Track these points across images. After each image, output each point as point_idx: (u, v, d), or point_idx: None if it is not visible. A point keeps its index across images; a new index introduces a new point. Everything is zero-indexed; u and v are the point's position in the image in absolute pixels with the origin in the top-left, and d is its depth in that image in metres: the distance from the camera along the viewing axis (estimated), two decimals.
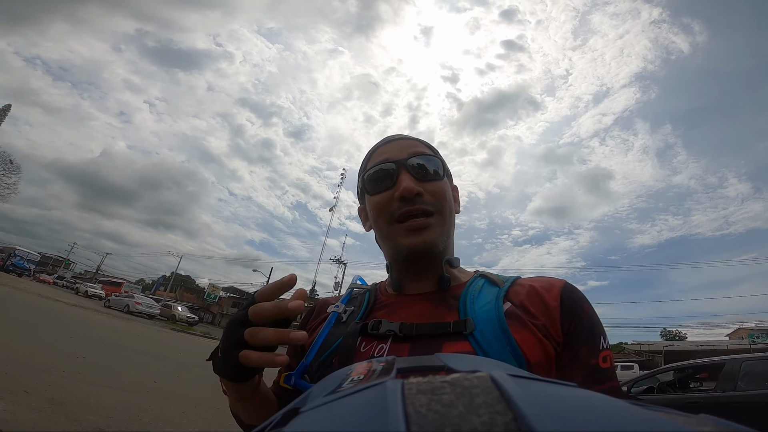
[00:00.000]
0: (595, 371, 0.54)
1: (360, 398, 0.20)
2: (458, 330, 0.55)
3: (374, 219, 0.67)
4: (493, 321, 0.55)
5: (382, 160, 0.66)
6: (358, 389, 0.21)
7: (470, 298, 0.59)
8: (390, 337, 0.58)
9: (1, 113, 45.09)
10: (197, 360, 9.98)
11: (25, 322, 9.04)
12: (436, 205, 0.63)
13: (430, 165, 0.66)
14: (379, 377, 0.25)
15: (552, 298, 0.58)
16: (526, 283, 0.62)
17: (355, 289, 0.72)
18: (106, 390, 4.81)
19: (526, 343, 0.53)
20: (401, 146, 0.68)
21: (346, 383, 0.27)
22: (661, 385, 6.26)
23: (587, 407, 0.17)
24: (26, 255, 40.31)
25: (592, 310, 0.59)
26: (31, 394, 3.87)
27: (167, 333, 18.31)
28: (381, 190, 0.65)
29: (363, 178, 0.69)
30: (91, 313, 18.13)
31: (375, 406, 0.17)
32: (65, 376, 4.93)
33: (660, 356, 30.61)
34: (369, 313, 0.65)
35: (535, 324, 0.55)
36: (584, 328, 0.56)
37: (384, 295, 0.68)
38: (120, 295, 28.39)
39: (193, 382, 6.74)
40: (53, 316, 12.19)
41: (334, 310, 0.66)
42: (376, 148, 0.71)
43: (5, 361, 4.83)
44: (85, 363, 6.00)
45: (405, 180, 0.62)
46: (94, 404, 4.09)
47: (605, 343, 0.57)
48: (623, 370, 22.93)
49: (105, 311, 21.96)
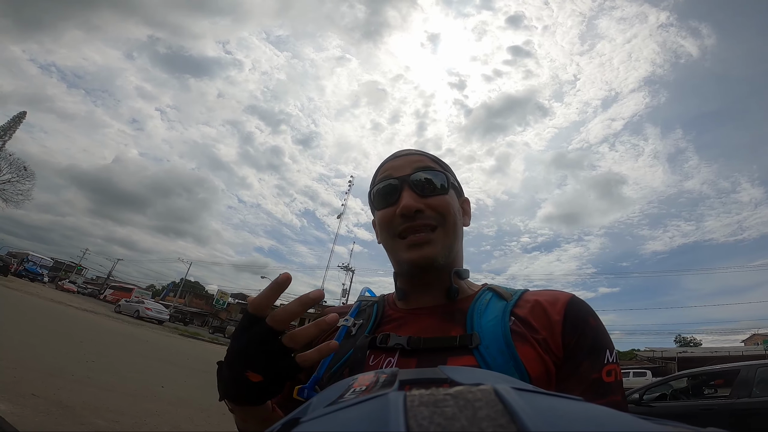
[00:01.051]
0: (597, 385, 0.54)
1: (361, 409, 0.19)
2: (464, 344, 0.56)
3: (381, 233, 0.70)
4: (498, 336, 0.56)
5: (388, 175, 0.69)
6: (360, 400, 0.21)
7: (477, 313, 0.60)
8: (398, 351, 0.59)
9: (17, 120, 46.02)
10: (204, 365, 10.02)
11: (36, 326, 9.17)
12: (438, 219, 0.65)
13: (434, 179, 0.67)
14: (382, 389, 0.25)
15: (555, 312, 0.58)
16: (531, 297, 0.62)
17: (363, 302, 0.73)
18: (113, 394, 4.84)
19: (527, 358, 0.54)
20: (407, 162, 0.69)
21: (348, 394, 0.27)
22: (674, 392, 6.17)
23: (590, 421, 0.17)
24: (39, 260, 40.93)
25: (598, 323, 0.59)
26: (39, 397, 3.91)
27: (176, 338, 18.44)
28: (386, 205, 0.67)
29: (371, 193, 0.72)
30: (101, 318, 18.37)
31: (376, 418, 0.17)
32: (74, 380, 4.98)
33: (673, 363, 30.07)
34: (377, 326, 0.66)
35: (536, 338, 0.56)
36: (586, 342, 0.56)
37: (392, 308, 0.69)
38: (130, 301, 28.83)
39: (200, 387, 6.75)
40: (64, 321, 12.37)
41: (344, 323, 0.67)
42: (384, 163, 0.73)
43: (15, 364, 4.89)
44: (93, 367, 6.06)
45: (406, 197, 0.64)
46: (102, 408, 4.12)
47: (611, 357, 0.56)
48: (636, 377, 22.58)
49: (116, 316, 22.24)
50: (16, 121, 45.92)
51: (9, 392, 3.80)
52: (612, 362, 0.56)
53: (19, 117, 46.35)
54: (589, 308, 0.60)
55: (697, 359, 27.56)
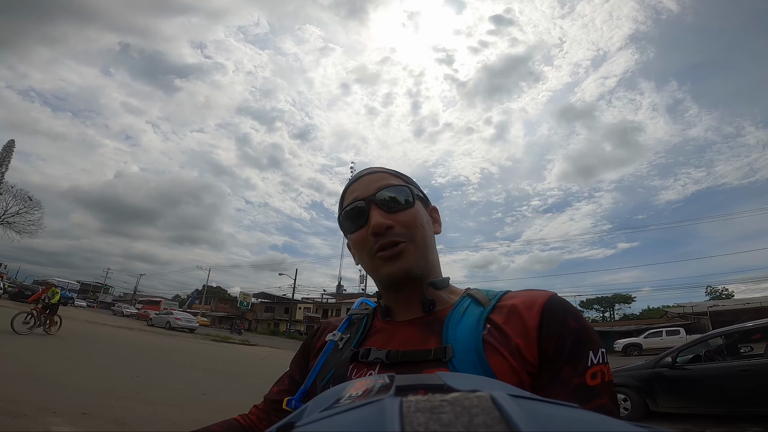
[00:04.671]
0: (580, 390, 0.52)
1: (357, 415, 0.19)
2: (438, 357, 0.56)
3: (358, 255, 0.71)
4: (471, 348, 0.56)
5: (353, 198, 0.70)
6: (356, 406, 0.21)
7: (453, 324, 0.60)
8: (378, 365, 0.61)
9: (7, 150, 46.07)
10: (240, 369, 10.38)
11: (79, 349, 9.57)
12: (407, 234, 0.65)
13: (399, 195, 0.68)
14: (378, 394, 0.25)
15: (531, 318, 0.57)
16: (509, 301, 0.61)
17: (354, 315, 0.76)
18: (162, 407, 5.05)
19: (499, 370, 0.53)
20: (369, 181, 0.70)
21: (344, 399, 0.27)
22: (708, 352, 6.03)
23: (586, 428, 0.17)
24: (66, 285, 42.13)
25: (580, 324, 0.56)
26: (96, 416, 4.11)
27: (209, 345, 18.96)
28: (356, 228, 0.68)
29: (341, 217, 0.73)
30: (137, 333, 19.01)
31: (372, 424, 0.17)
32: (124, 397, 5.20)
33: (706, 318, 29.52)
34: (364, 339, 0.68)
35: (509, 346, 0.55)
36: (565, 346, 0.54)
37: (379, 321, 0.71)
38: (160, 313, 29.76)
39: (239, 391, 6.97)
40: (103, 340, 12.85)
41: (331, 338, 0.71)
42: (347, 187, 0.74)
43: (67, 388, 5.15)
44: (140, 382, 6.31)
45: (374, 216, 0.65)
46: (154, 421, 4.31)
47: (596, 359, 0.54)
48: (669, 336, 22.24)
49: (149, 329, 23.02)
50: (7, 151, 46.12)
51: (69, 414, 4.01)
52: (598, 363, 0.54)
53: (9, 146, 46.42)
54: (569, 308, 0.58)
55: (729, 312, 27.02)
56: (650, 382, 5.87)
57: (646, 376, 5.93)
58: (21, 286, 29.56)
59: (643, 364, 6.31)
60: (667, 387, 5.74)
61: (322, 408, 0.25)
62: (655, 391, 5.82)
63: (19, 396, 4.35)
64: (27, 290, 27.47)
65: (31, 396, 4.46)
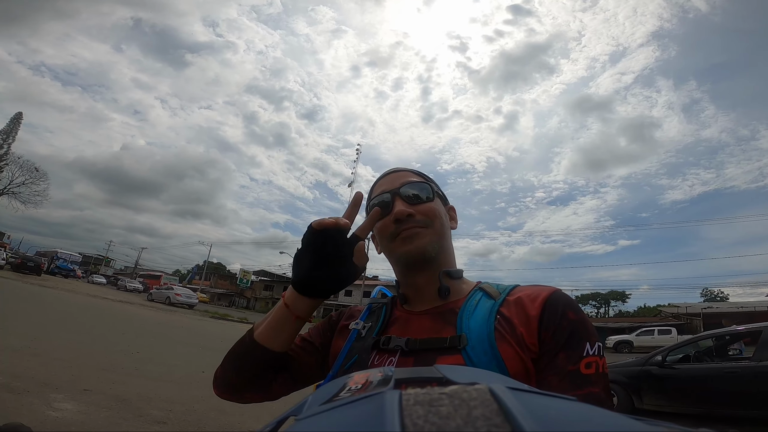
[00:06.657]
0: (574, 377, 0.55)
1: (356, 408, 0.20)
2: (453, 345, 0.62)
3: (380, 242, 0.79)
4: (483, 337, 0.61)
5: (380, 191, 0.78)
6: (355, 399, 0.21)
7: (467, 314, 0.66)
8: (398, 352, 0.66)
9: (15, 122, 46.07)
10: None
11: (80, 322, 9.75)
12: (427, 221, 0.73)
13: (420, 191, 0.76)
14: (377, 387, 0.25)
15: (534, 308, 0.62)
16: (517, 294, 0.66)
17: (373, 304, 0.81)
18: (162, 383, 5.18)
19: (507, 356, 0.58)
20: (395, 178, 0.79)
21: (344, 392, 0.27)
22: (698, 353, 6.13)
23: (584, 421, 0.17)
24: (68, 257, 42.33)
25: (579, 317, 0.61)
26: (97, 392, 4.22)
27: (208, 322, 19.23)
28: (382, 217, 0.75)
29: (368, 208, 0.80)
30: (137, 307, 19.27)
31: (371, 417, 0.17)
32: (125, 373, 5.33)
33: (698, 319, 29.75)
34: (384, 327, 0.73)
35: (514, 335, 0.60)
36: (563, 335, 0.58)
37: (398, 310, 0.77)
38: (160, 288, 29.99)
39: None
40: (103, 314, 13.04)
41: (355, 327, 0.75)
42: (375, 182, 0.83)
43: (70, 362, 5.26)
44: (140, 359, 6.46)
45: (398, 205, 0.73)
46: (154, 398, 4.42)
47: (592, 350, 0.57)
48: (661, 335, 22.48)
49: (149, 305, 23.25)
50: (15, 123, 46.11)
51: (71, 390, 4.13)
52: (593, 355, 0.57)
53: (17, 118, 46.43)
54: (570, 302, 0.63)
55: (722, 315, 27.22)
56: (638, 380, 5.97)
57: (635, 373, 6.02)
58: (24, 257, 29.53)
59: (633, 361, 6.41)
60: (654, 385, 5.84)
61: (322, 401, 0.25)
62: (641, 388, 5.92)
63: (22, 371, 4.45)
64: (30, 261, 27.50)
65: (34, 371, 4.55)
